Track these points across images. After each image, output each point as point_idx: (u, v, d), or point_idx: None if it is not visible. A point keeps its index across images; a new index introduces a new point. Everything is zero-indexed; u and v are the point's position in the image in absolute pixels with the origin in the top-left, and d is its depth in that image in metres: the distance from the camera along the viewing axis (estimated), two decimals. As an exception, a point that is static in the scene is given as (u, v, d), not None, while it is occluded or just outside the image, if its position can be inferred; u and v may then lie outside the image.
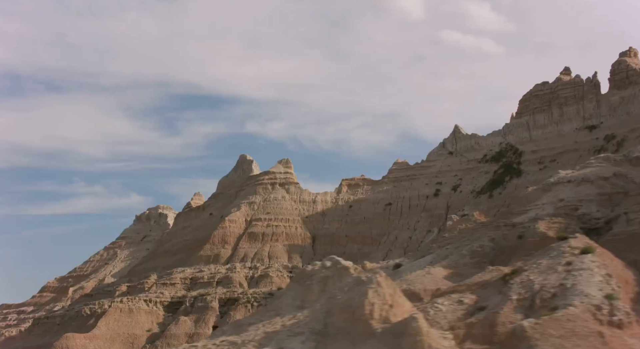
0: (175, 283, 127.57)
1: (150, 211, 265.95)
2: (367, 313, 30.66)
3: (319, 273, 36.24)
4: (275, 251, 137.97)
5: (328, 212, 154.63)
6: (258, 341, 32.38)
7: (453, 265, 52.49)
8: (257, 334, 33.36)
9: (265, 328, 34.11)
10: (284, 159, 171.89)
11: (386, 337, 29.28)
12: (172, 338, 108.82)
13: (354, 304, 31.58)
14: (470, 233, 70.88)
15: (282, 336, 32.35)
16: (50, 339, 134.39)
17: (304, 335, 31.75)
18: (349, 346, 30.42)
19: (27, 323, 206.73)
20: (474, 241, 60.29)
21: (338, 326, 31.44)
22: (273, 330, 33.16)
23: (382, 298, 31.73)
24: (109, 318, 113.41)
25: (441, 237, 79.89)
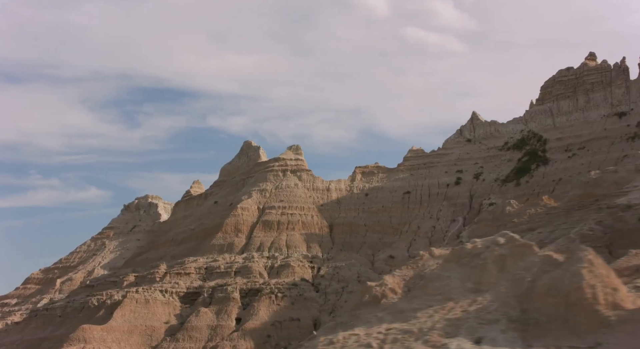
0: (189, 273, 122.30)
1: (140, 200, 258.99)
2: (588, 297, 26.16)
3: (491, 251, 31.73)
4: (293, 240, 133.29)
5: (343, 200, 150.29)
6: (441, 329, 27.77)
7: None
8: (434, 321, 28.75)
9: (440, 314, 29.59)
10: (294, 145, 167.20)
11: (630, 328, 24.79)
12: (193, 330, 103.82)
13: (564, 287, 26.98)
14: (549, 218, 67.05)
15: (471, 324, 27.75)
16: (52, 331, 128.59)
17: (500, 323, 27.22)
18: (572, 338, 25.89)
19: (14, 315, 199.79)
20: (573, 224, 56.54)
21: (546, 313, 26.87)
22: (454, 317, 28.59)
23: (600, 279, 27.29)
24: (125, 309, 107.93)
25: (502, 223, 76.13)
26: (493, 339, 26.68)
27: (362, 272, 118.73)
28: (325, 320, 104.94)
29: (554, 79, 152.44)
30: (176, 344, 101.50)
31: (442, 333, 27.80)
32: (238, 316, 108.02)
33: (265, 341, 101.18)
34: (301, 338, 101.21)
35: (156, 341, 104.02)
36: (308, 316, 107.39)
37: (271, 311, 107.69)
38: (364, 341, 28.77)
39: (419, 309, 30.41)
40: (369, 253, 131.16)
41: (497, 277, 30.47)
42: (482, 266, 31.37)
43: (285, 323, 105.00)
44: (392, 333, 28.65)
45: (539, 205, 72.52)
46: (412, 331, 28.38)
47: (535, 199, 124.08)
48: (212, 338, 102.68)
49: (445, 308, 30.19)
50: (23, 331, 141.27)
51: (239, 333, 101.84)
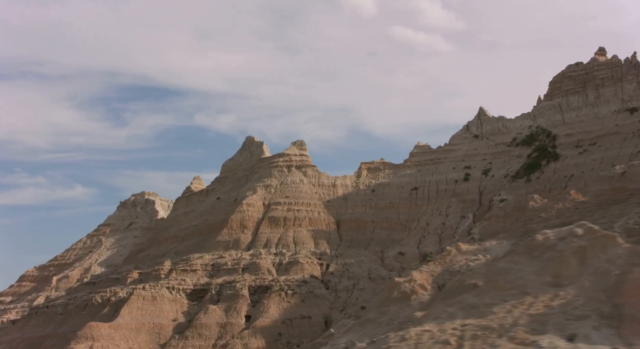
0: (196, 270, 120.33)
1: (136, 197, 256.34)
2: (690, 291, 24.57)
3: (568, 242, 30.09)
4: (300, 236, 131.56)
5: (350, 196, 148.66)
6: (525, 325, 26.15)
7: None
8: (515, 317, 27.10)
9: (520, 309, 27.88)
10: (298, 140, 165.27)
11: None
12: (202, 328, 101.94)
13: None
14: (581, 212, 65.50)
15: (558, 320, 26.11)
16: (54, 329, 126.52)
17: (591, 319, 25.57)
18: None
19: (10, 313, 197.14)
20: (612, 218, 55.04)
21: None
22: (537, 312, 26.97)
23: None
24: (132, 306, 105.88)
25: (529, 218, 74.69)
26: (586, 336, 24.94)
27: (373, 269, 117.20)
28: (337, 318, 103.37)
29: (563, 74, 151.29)
30: (185, 342, 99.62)
31: (528, 330, 26.07)
32: (247, 313, 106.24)
33: (277, 339, 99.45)
34: (313, 336, 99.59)
35: (164, 339, 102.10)
36: (319, 314, 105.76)
37: (281, 308, 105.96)
38: (439, 337, 27.10)
39: (493, 304, 28.75)
40: (378, 250, 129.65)
41: (578, 270, 28.78)
42: (559, 258, 29.69)
43: (296, 321, 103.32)
44: (469, 329, 26.97)
45: (567, 199, 70.85)
46: (491, 327, 26.69)
47: (546, 195, 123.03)
48: (222, 336, 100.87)
49: (524, 303, 28.48)
50: (23, 329, 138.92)
51: (250, 330, 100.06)
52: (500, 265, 33.17)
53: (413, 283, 59.68)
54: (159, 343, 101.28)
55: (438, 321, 28.78)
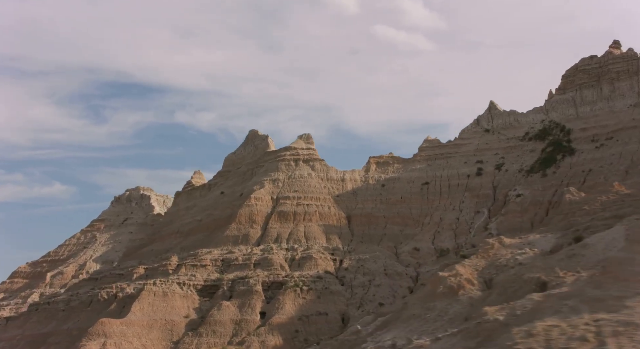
0: (205, 265, 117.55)
1: (131, 192, 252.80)
2: None
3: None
4: (311, 231, 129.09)
5: (359, 191, 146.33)
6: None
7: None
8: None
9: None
10: (305, 134, 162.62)
11: None
12: (216, 324, 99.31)
13: None
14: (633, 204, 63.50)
15: None
16: (57, 326, 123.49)
17: None
18: None
19: (3, 310, 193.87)
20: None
21: None
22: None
23: None
24: (143, 302, 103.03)
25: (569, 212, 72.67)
26: None
27: (389, 265, 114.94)
28: (355, 314, 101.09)
29: (577, 67, 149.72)
30: (199, 339, 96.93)
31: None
32: (262, 309, 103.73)
33: (294, 337, 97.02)
34: (330, 333, 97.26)
35: (177, 336, 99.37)
36: (335, 310, 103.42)
37: (297, 304, 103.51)
38: (571, 333, 24.64)
39: (624, 297, 26.33)
40: (391, 245, 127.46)
41: None
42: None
43: (312, 318, 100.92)
44: (605, 324, 24.53)
45: (610, 192, 69.00)
46: (634, 323, 24.22)
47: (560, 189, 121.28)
48: (237, 333, 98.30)
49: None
50: (23, 326, 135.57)
51: (266, 327, 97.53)
52: (616, 255, 30.65)
53: (459, 278, 57.35)
54: (171, 340, 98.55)
55: (560, 315, 26.36)
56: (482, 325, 39.87)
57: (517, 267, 57.19)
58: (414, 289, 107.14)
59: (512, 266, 57.84)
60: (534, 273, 49.93)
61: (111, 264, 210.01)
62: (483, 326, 39.73)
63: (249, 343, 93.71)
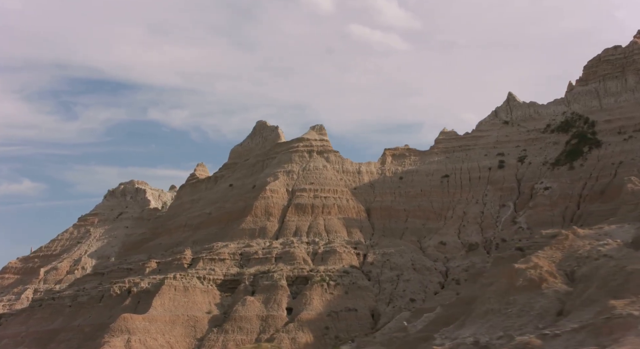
0: (224, 259, 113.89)
1: (125, 186, 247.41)
2: None
3: None
4: (331, 224, 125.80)
5: (376, 184, 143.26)
6: None
7: None
8: None
9: None
10: (318, 125, 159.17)
11: None
12: (242, 321, 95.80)
13: None
14: None
15: None
16: (65, 322, 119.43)
17: None
18: None
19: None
20: None
21: None
22: None
23: None
24: (164, 297, 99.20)
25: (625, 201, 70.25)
26: None
27: (416, 259, 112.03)
28: (385, 310, 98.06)
29: (600, 58, 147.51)
30: (225, 336, 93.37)
31: None
32: (288, 305, 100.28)
33: (324, 334, 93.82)
34: (361, 329, 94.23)
35: (201, 333, 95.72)
36: (364, 307, 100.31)
37: (324, 300, 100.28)
38: None
39: None
40: (414, 239, 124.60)
41: None
42: None
43: (342, 314, 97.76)
44: None
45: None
46: None
47: (594, 183, 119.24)
48: (264, 329, 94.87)
49: None
50: (27, 323, 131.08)
51: (295, 324, 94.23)
52: None
53: (539, 270, 54.36)
54: (195, 337, 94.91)
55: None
56: (612, 320, 36.78)
57: (602, 259, 54.33)
58: (445, 285, 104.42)
59: (595, 257, 54.98)
60: (636, 264, 47.02)
61: (107, 260, 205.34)
62: (614, 321, 36.64)
63: (279, 340, 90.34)
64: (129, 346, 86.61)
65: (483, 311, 54.03)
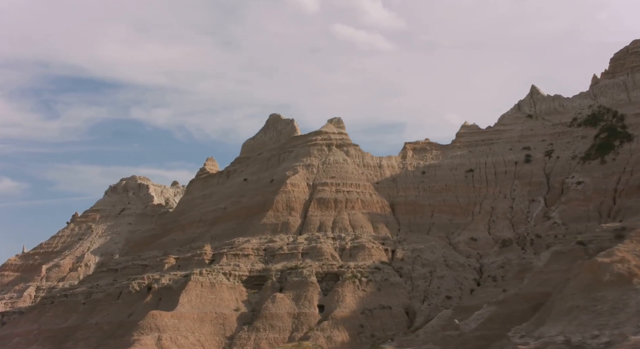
0: (248, 254, 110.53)
1: (127, 181, 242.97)
2: None
3: None
4: (356, 219, 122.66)
5: (399, 178, 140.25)
6: None
7: None
8: None
9: None
10: (335, 118, 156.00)
11: None
12: (273, 318, 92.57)
13: None
14: None
15: None
16: (80, 320, 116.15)
17: None
18: None
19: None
20: None
21: None
22: None
23: None
24: (190, 293, 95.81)
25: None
26: None
27: (448, 255, 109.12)
28: (421, 308, 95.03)
29: (627, 50, 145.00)
30: (257, 334, 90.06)
31: None
32: (319, 302, 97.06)
33: (360, 332, 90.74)
34: (396, 328, 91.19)
35: (230, 331, 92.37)
36: (398, 304, 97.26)
37: (357, 297, 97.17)
38: None
39: None
40: (442, 235, 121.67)
41: None
42: None
43: (376, 312, 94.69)
44: None
45: None
46: None
47: (628, 177, 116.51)
48: (297, 328, 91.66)
49: None
50: (39, 320, 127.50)
51: (329, 322, 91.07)
52: None
53: (627, 264, 51.40)
54: (224, 335, 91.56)
55: None
56: None
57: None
58: (481, 282, 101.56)
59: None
60: None
61: (111, 256, 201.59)
62: None
63: (314, 339, 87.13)
64: (160, 344, 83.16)
65: (567, 308, 50.98)
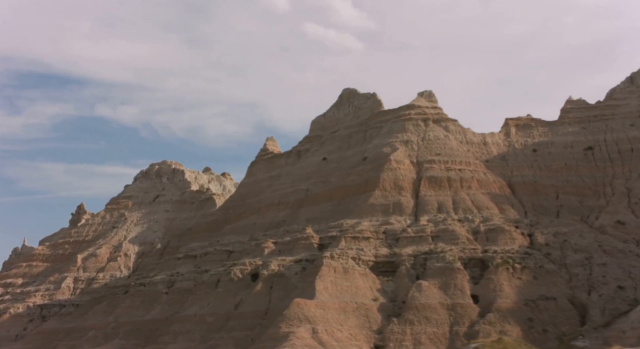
0: (368, 238, 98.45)
1: (160, 166, 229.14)
2: None
3: None
4: (478, 200, 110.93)
5: (508, 156, 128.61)
6: None
7: None
8: None
9: None
10: (426, 91, 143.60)
11: None
12: (426, 310, 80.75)
13: None
14: None
15: None
16: (165, 311, 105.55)
17: None
18: None
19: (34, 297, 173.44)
20: None
21: None
22: None
23: None
24: (325, 280, 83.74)
25: None
26: None
27: (602, 240, 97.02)
28: (592, 300, 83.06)
29: None
30: (412, 328, 78.18)
31: None
32: (472, 292, 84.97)
33: (530, 327, 78.91)
34: (569, 323, 79.40)
35: (376, 324, 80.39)
36: (561, 295, 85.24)
37: (514, 286, 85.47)
38: None
39: None
40: (576, 218, 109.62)
41: None
42: None
43: (540, 303, 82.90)
44: None
45: None
46: None
47: None
48: (456, 321, 79.88)
49: None
50: (113, 312, 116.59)
51: (495, 315, 79.06)
52: None
53: None
54: (370, 329, 79.50)
55: None
56: None
57: None
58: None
59: None
60: None
61: (152, 245, 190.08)
62: None
63: (484, 334, 75.17)
64: (318, 338, 71.11)
65: None
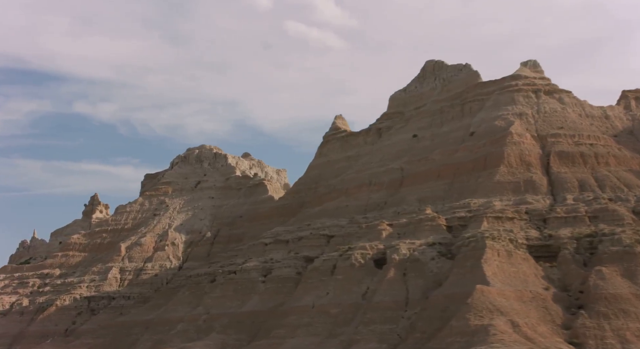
0: (512, 218, 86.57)
1: (200, 151, 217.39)
2: None
3: None
4: (624, 177, 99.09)
5: (637, 131, 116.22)
6: None
7: None
8: None
9: None
10: (531, 60, 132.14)
11: None
12: (619, 301, 68.83)
13: None
14: None
15: None
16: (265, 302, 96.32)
17: None
18: None
19: (79, 288, 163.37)
20: None
21: None
22: None
23: None
24: (492, 265, 71.75)
25: None
26: None
27: None
28: None
29: None
30: (610, 322, 66.00)
31: None
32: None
33: None
34: None
35: (558, 317, 68.25)
36: None
37: None
38: None
39: None
40: None
41: None
42: None
43: None
44: None
45: None
46: None
47: None
48: (656, 314, 67.65)
49: None
50: (200, 303, 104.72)
51: None
52: None
53: None
54: (552, 321, 67.49)
55: None
56: None
57: None
58: None
59: None
60: None
61: (200, 234, 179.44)
62: None
63: None
64: (522, 332, 59.34)
65: None
